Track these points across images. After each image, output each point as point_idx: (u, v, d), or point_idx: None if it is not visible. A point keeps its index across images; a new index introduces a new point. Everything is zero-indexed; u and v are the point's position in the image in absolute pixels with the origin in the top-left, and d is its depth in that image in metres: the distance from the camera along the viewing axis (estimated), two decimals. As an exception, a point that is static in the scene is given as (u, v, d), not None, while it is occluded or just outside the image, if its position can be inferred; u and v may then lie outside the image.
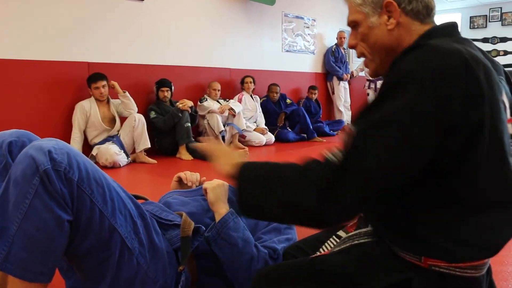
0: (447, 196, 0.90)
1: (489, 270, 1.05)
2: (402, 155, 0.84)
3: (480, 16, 9.43)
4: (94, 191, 1.11)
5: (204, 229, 1.42)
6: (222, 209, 1.45)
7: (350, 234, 1.12)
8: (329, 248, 1.22)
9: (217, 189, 1.49)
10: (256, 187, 1.00)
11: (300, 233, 1.67)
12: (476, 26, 9.49)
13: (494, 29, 9.27)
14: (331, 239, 1.24)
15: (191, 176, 1.81)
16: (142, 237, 1.24)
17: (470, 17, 9.54)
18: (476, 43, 1.04)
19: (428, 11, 1.03)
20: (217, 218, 1.43)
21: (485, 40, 9.30)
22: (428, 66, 0.84)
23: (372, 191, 0.87)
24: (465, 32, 9.61)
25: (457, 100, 0.82)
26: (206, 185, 1.51)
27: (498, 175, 0.91)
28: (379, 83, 7.27)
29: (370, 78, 7.72)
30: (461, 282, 0.94)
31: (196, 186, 1.79)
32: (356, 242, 1.08)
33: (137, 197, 1.61)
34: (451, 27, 1.02)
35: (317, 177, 0.90)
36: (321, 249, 1.25)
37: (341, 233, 1.21)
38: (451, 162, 0.87)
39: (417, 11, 1.02)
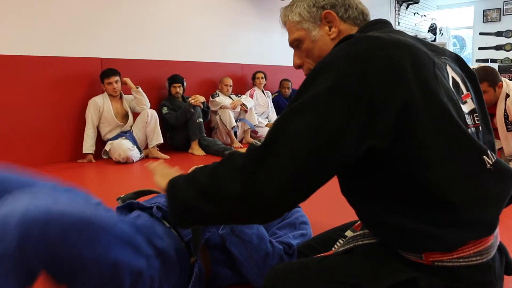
0: (410, 179, 0.89)
1: (502, 252, 1.02)
2: (323, 136, 0.84)
3: (493, 9, 9.27)
4: (78, 246, 0.97)
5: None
6: None
7: (355, 234, 1.12)
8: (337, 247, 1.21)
9: None
10: (184, 188, 1.00)
11: (315, 228, 1.68)
12: (489, 20, 9.33)
13: (509, 22, 9.08)
14: (341, 239, 1.23)
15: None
16: (145, 249, 1.17)
17: (483, 10, 9.38)
18: (489, 37, 1.06)
19: (363, 16, 1.11)
20: None
21: (498, 33, 9.13)
22: (346, 52, 0.88)
23: (297, 175, 0.85)
24: (478, 26, 9.46)
25: (374, 80, 0.84)
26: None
27: (455, 146, 0.89)
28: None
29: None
30: (469, 272, 0.92)
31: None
32: (360, 242, 1.07)
33: (150, 192, 1.64)
34: (380, 23, 1.08)
35: (241, 161, 0.90)
36: (333, 248, 1.25)
37: (348, 232, 1.20)
38: (395, 144, 0.86)
39: (354, 17, 1.10)
